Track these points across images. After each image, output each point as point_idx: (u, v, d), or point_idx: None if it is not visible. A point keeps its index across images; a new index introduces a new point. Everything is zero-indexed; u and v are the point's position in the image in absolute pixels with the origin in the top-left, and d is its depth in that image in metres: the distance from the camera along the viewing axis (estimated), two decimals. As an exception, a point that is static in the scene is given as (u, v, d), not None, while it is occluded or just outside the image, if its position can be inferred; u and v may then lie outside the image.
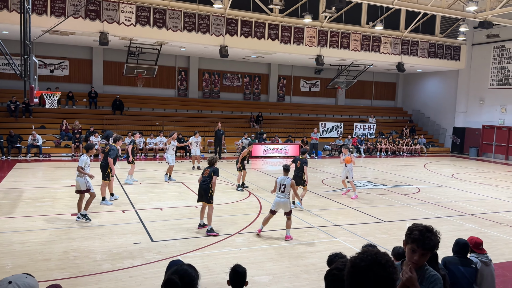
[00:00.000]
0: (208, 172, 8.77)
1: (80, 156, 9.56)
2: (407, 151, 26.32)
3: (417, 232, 2.74)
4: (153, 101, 25.17)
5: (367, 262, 1.92)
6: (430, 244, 2.72)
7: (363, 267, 1.91)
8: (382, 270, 1.90)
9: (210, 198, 8.73)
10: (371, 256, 1.95)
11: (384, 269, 1.91)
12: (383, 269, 1.91)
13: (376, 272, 1.89)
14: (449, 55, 26.11)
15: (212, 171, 8.75)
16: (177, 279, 2.35)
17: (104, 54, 24.07)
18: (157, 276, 6.33)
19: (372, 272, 1.89)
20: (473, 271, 4.75)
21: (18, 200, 10.96)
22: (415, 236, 2.73)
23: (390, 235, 9.06)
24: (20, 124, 20.56)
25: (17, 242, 7.77)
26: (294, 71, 29.52)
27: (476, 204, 12.65)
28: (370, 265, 1.91)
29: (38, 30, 16.59)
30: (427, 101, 30.74)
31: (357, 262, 1.95)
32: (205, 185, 8.72)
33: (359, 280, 1.91)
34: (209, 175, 8.73)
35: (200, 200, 8.89)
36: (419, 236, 2.72)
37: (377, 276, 1.89)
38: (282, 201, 8.45)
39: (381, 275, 1.89)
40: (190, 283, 2.39)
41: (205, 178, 8.78)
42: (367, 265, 1.91)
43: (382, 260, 1.93)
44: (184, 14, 19.35)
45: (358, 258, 1.97)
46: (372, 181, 16.06)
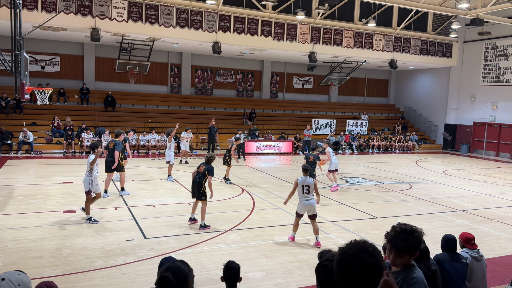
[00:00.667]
0: (203, 169, 8.77)
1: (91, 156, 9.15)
2: (399, 148, 26.48)
3: (392, 232, 2.73)
4: (146, 97, 25.05)
5: (355, 250, 1.99)
6: (401, 245, 2.65)
7: (351, 255, 1.98)
8: (369, 257, 1.97)
9: (203, 195, 8.75)
10: (359, 245, 2.03)
11: (371, 256, 1.98)
12: (370, 256, 1.98)
13: (364, 259, 1.96)
14: (441, 52, 26.27)
15: (207, 170, 8.74)
16: (171, 276, 2.34)
17: (96, 50, 23.88)
18: (150, 273, 6.32)
19: (360, 259, 1.96)
20: (463, 266, 4.80)
21: (9, 197, 10.86)
22: (389, 237, 2.73)
23: (382, 231, 9.07)
24: (11, 120, 20.36)
25: (8, 239, 7.71)
26: (287, 68, 29.52)
27: (467, 200, 12.77)
28: (358, 252, 1.98)
29: (29, 26, 16.39)
30: (419, 98, 30.93)
31: (346, 250, 2.02)
32: (198, 181, 8.74)
33: (347, 267, 1.98)
34: (203, 173, 8.74)
35: (192, 195, 8.97)
36: (391, 237, 2.71)
37: (365, 263, 1.95)
38: (309, 202, 7.94)
39: (369, 261, 1.96)
40: (183, 279, 2.39)
41: (199, 174, 8.79)
42: (355, 252, 1.98)
43: (370, 248, 2.01)
44: (177, 10, 19.25)
45: (346, 247, 2.04)
46: (365, 177, 16.14)
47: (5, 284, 2.01)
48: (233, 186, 13.42)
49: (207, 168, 8.76)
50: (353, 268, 1.96)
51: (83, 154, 19.47)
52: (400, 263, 2.68)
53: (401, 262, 2.68)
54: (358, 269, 1.95)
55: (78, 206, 10.11)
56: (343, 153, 24.48)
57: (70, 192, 11.73)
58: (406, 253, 2.65)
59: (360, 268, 1.95)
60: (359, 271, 1.95)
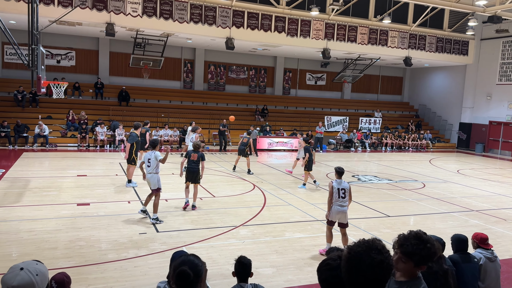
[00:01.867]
0: (196, 156, 9.69)
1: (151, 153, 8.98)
2: (412, 146, 26.21)
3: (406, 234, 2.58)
4: (159, 92, 25.20)
5: (363, 248, 1.99)
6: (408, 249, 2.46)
7: (359, 252, 1.98)
8: (378, 254, 1.96)
9: (199, 179, 9.80)
10: (368, 243, 2.03)
11: (380, 253, 1.97)
12: (379, 253, 1.97)
13: (372, 256, 1.95)
14: (457, 50, 25.87)
15: (200, 156, 9.72)
16: (188, 269, 2.36)
17: (110, 45, 24.08)
18: (161, 267, 6.38)
19: (368, 256, 1.95)
20: (475, 266, 4.74)
21: (24, 189, 11.06)
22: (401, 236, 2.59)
23: (395, 230, 9.06)
24: (27, 114, 20.69)
25: (24, 230, 7.85)
26: (300, 64, 29.40)
27: (481, 200, 12.60)
28: (366, 250, 1.98)
29: (46, 20, 16.63)
30: (433, 96, 30.53)
31: (354, 248, 2.02)
32: (195, 168, 9.68)
33: (355, 264, 1.97)
34: (197, 160, 9.70)
35: (188, 180, 9.74)
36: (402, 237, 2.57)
37: (373, 260, 1.94)
38: (343, 209, 7.31)
39: (376, 259, 1.95)
40: (198, 273, 2.41)
41: (194, 162, 9.69)
42: (363, 250, 1.98)
43: (378, 246, 2.00)
44: (191, 5, 19.29)
45: (355, 245, 2.04)
46: (377, 175, 16.03)
47: (24, 274, 2.05)
48: (245, 182, 13.45)
49: (199, 155, 9.73)
50: (360, 265, 1.95)
51: (97, 147, 19.70)
52: (402, 269, 2.48)
53: (403, 268, 2.48)
54: (365, 266, 1.94)
55: (92, 199, 10.27)
56: (355, 151, 24.32)
57: (84, 185, 11.89)
58: (411, 259, 2.44)
59: (368, 265, 1.94)
60: (366, 268, 1.94)
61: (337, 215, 7.34)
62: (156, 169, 8.87)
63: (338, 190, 7.31)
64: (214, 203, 10.60)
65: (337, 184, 7.36)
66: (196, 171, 9.61)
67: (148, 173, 8.88)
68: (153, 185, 8.78)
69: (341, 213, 7.32)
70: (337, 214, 7.33)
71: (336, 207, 7.31)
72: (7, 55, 22.09)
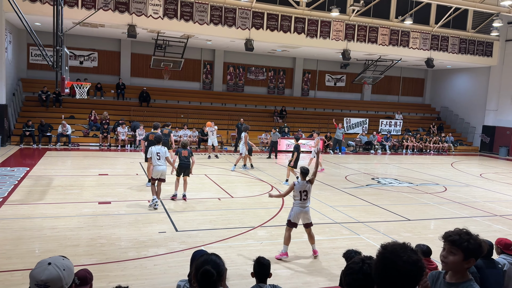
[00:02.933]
0: (187, 153, 10.69)
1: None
2: (434, 149, 25.76)
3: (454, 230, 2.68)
4: (179, 93, 25.44)
5: (400, 246, 2.03)
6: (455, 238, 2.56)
7: (395, 248, 2.02)
8: (414, 254, 2.00)
9: (190, 172, 10.82)
10: (402, 243, 2.07)
11: (415, 253, 2.01)
12: (414, 253, 2.01)
13: (410, 255, 1.99)
14: (480, 51, 25.32)
15: (190, 153, 10.74)
16: (212, 269, 2.39)
17: (132, 46, 24.45)
18: (181, 265, 6.44)
19: (406, 255, 1.98)
20: (499, 272, 4.63)
21: (48, 187, 11.32)
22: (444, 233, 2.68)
23: (415, 234, 8.92)
24: (51, 113, 21.16)
25: (47, 227, 8.04)
26: (319, 66, 29.25)
27: (505, 205, 12.29)
28: (402, 249, 2.02)
29: (69, 22, 17.00)
30: (456, 98, 29.94)
31: (389, 246, 2.05)
32: (186, 163, 10.67)
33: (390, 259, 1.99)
34: (188, 155, 10.68)
35: (180, 174, 10.74)
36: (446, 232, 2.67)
37: (410, 257, 1.98)
38: (306, 210, 7.25)
39: (414, 258, 1.98)
40: (220, 272, 2.43)
41: (186, 157, 10.67)
42: (400, 248, 2.02)
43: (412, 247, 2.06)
44: (211, 7, 19.43)
45: (389, 244, 2.08)
46: (398, 178, 15.81)
47: (52, 268, 2.11)
48: (263, 183, 13.45)
49: (189, 151, 10.75)
50: (397, 261, 1.97)
51: (118, 147, 20.02)
52: (452, 263, 2.56)
53: (452, 261, 2.56)
54: (402, 262, 1.96)
55: (113, 198, 10.44)
56: (375, 153, 24.05)
57: (105, 184, 12.10)
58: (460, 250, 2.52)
59: (405, 262, 1.96)
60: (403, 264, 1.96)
61: (299, 216, 7.20)
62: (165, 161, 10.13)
63: (300, 193, 7.17)
64: (232, 203, 10.64)
65: (300, 186, 7.20)
66: (187, 166, 10.68)
67: (161, 165, 9.94)
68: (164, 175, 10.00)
69: (303, 213, 7.19)
70: (299, 214, 7.19)
71: (297, 208, 7.19)
72: (32, 56, 22.65)
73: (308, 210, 7.26)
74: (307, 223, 7.25)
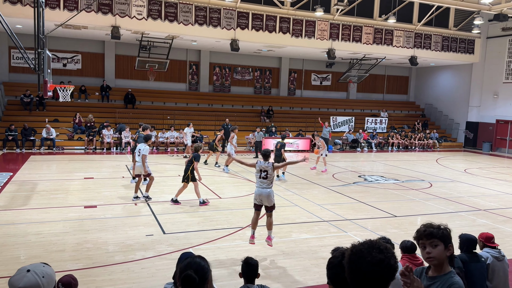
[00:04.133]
0: (190, 157, 10.37)
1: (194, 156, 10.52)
2: (419, 146, 26.08)
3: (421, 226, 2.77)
4: (164, 95, 25.29)
5: (365, 246, 2.02)
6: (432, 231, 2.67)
7: (361, 250, 2.01)
8: (378, 253, 1.98)
9: (186, 179, 10.30)
10: (371, 242, 2.06)
11: (381, 252, 1.99)
12: (380, 252, 1.99)
13: (373, 254, 1.98)
14: (463, 49, 25.71)
15: (193, 157, 10.27)
16: (194, 273, 2.38)
17: (116, 48, 24.22)
18: (169, 268, 6.39)
19: (369, 254, 1.98)
20: (483, 266, 4.71)
21: (32, 192, 11.14)
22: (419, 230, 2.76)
23: (402, 230, 9.02)
24: (34, 117, 20.83)
25: (32, 233, 7.91)
26: (305, 65, 29.37)
27: (489, 199, 12.50)
28: (368, 248, 2.00)
29: (51, 24, 16.74)
30: (440, 95, 30.36)
31: (356, 246, 2.05)
32: (185, 167, 10.37)
33: (355, 262, 2.00)
34: (191, 160, 10.30)
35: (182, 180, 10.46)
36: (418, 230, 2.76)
37: (373, 258, 1.96)
38: (264, 191, 7.23)
39: (377, 257, 1.97)
40: (204, 275, 2.42)
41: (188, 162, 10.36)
42: (365, 248, 2.01)
43: (381, 246, 2.02)
44: (195, 7, 19.35)
45: (358, 244, 2.07)
46: (384, 175, 15.96)
47: (30, 275, 2.07)
48: (250, 183, 13.45)
49: (194, 155, 10.37)
50: (360, 263, 1.98)
51: (104, 150, 19.81)
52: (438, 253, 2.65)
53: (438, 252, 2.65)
54: (365, 264, 1.97)
55: (99, 201, 10.32)
56: (361, 151, 24.25)
57: (91, 187, 11.96)
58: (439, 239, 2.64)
59: (368, 263, 1.96)
60: (366, 267, 1.96)
61: (258, 197, 7.28)
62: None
63: (260, 171, 7.25)
64: (220, 204, 10.62)
65: (261, 164, 7.27)
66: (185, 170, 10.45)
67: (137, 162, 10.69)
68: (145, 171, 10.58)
69: (262, 196, 7.23)
70: (258, 196, 7.27)
71: (256, 188, 7.32)
72: (13, 59, 22.28)
73: (267, 192, 7.24)
74: (266, 206, 7.29)
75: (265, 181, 7.22)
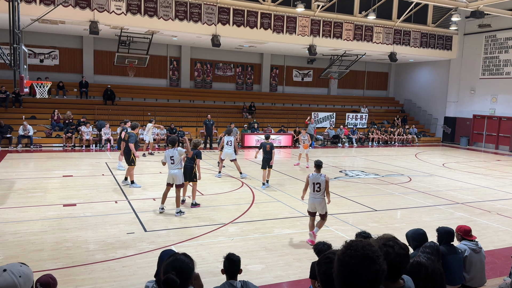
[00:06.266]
0: (191, 154, 9.65)
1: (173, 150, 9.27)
2: (398, 141, 26.49)
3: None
4: (145, 91, 24.99)
5: (357, 259, 1.91)
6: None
7: (354, 264, 1.91)
8: (373, 264, 1.90)
9: (194, 176, 9.81)
10: (359, 251, 1.93)
11: (374, 263, 1.91)
12: (374, 263, 1.91)
13: (368, 267, 1.90)
14: (441, 45, 26.18)
15: (195, 154, 9.66)
16: (175, 275, 2.36)
17: (94, 43, 23.78)
18: (150, 266, 6.34)
19: (364, 269, 1.90)
20: (460, 257, 4.83)
21: (9, 191, 10.88)
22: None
23: (382, 224, 9.16)
24: (10, 114, 20.33)
25: (9, 233, 7.73)
26: (286, 61, 29.43)
27: (466, 193, 12.80)
28: (361, 262, 1.91)
29: (27, 19, 16.27)
30: (418, 91, 30.88)
31: (347, 260, 1.92)
32: (189, 165, 9.69)
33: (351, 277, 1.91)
34: (192, 157, 9.66)
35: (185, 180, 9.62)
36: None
37: (369, 272, 1.90)
38: (316, 201, 7.76)
39: (374, 269, 1.90)
40: (188, 275, 2.41)
41: (188, 159, 9.67)
42: (358, 262, 1.91)
43: (370, 254, 1.93)
44: (176, 2, 19.14)
45: (346, 255, 1.94)
46: (364, 170, 16.16)
47: (6, 275, 2.03)
48: (232, 179, 13.45)
49: (195, 152, 9.68)
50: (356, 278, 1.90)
51: (83, 147, 19.47)
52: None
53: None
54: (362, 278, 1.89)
55: (78, 200, 10.15)
56: (342, 146, 24.49)
57: (70, 185, 11.75)
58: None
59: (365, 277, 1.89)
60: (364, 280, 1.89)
61: (312, 205, 7.82)
62: (180, 165, 9.36)
63: (314, 184, 7.74)
64: (202, 201, 10.57)
65: (313, 178, 7.77)
66: (190, 168, 9.80)
67: (174, 169, 9.23)
68: (179, 180, 9.25)
69: (316, 205, 7.76)
70: (312, 205, 7.82)
71: (310, 198, 7.84)
72: (-12, 55, 21.63)
73: (319, 201, 7.75)
74: (320, 213, 7.85)
75: (318, 193, 7.75)
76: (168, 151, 9.30)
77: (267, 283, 6.08)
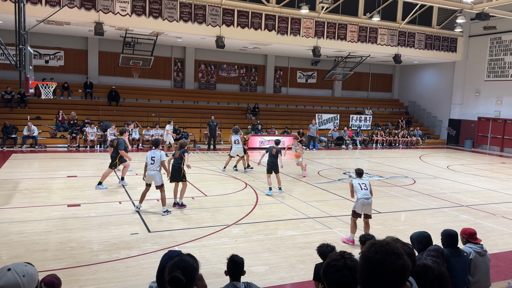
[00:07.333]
0: (178, 154, 9.69)
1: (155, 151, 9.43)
2: (403, 143, 26.40)
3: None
4: (149, 92, 25.05)
5: (382, 254, 1.90)
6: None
7: (379, 259, 1.90)
8: (398, 259, 1.90)
9: (183, 177, 9.79)
10: (384, 248, 1.93)
11: (399, 257, 1.90)
12: (398, 258, 1.90)
13: (394, 262, 1.89)
14: (445, 47, 26.10)
15: (182, 152, 9.67)
16: (181, 274, 2.36)
17: (99, 44, 23.88)
18: (154, 267, 6.32)
19: (390, 263, 1.88)
20: (465, 260, 4.80)
21: (14, 191, 10.93)
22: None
23: (386, 226, 9.13)
24: (15, 114, 20.44)
25: (13, 232, 7.77)
26: (290, 63, 29.43)
27: (471, 195, 12.74)
28: (385, 257, 1.90)
29: (33, 20, 16.43)
30: (423, 93, 30.79)
31: (372, 256, 1.92)
32: (176, 166, 9.70)
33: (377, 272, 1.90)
34: (179, 157, 9.65)
35: (173, 180, 9.78)
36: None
37: (395, 266, 1.88)
38: (368, 202, 7.88)
39: (398, 264, 1.89)
40: (192, 275, 2.41)
41: (176, 159, 9.71)
42: (382, 257, 1.90)
43: (395, 250, 1.93)
44: (180, 4, 19.19)
45: (371, 251, 1.93)
46: (368, 172, 16.11)
47: (10, 274, 2.04)
48: (236, 181, 13.45)
49: (182, 151, 9.67)
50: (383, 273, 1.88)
51: (87, 148, 19.54)
52: None
53: None
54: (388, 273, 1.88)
55: (82, 200, 10.19)
56: (346, 148, 24.44)
57: (74, 186, 11.79)
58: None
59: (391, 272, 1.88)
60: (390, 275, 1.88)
61: (363, 207, 7.88)
62: (160, 167, 9.38)
63: (359, 185, 7.93)
64: (206, 202, 10.59)
65: (358, 180, 8.05)
66: (178, 169, 9.79)
67: (152, 170, 9.30)
68: (157, 182, 9.29)
69: (367, 205, 7.87)
70: (363, 206, 7.88)
71: (362, 200, 7.85)
72: (-6, 56, 21.79)
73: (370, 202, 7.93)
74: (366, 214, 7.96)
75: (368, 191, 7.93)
76: (150, 152, 9.44)
77: (271, 285, 6.07)
